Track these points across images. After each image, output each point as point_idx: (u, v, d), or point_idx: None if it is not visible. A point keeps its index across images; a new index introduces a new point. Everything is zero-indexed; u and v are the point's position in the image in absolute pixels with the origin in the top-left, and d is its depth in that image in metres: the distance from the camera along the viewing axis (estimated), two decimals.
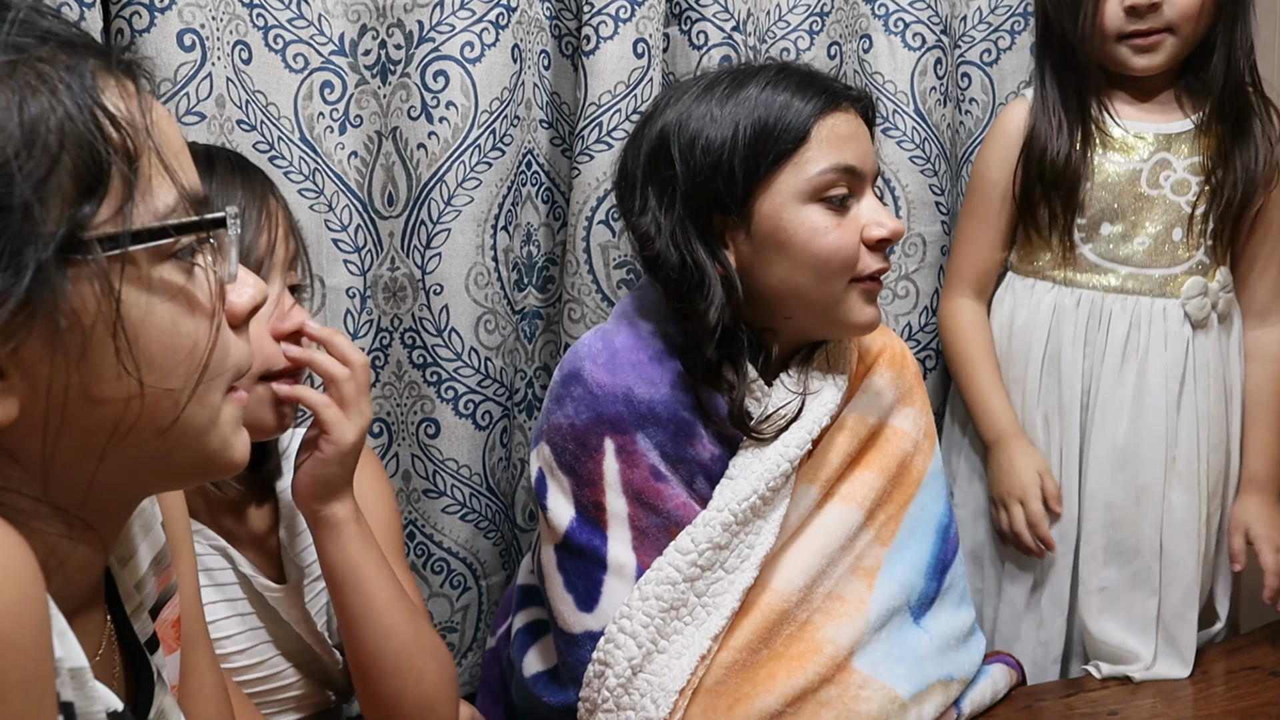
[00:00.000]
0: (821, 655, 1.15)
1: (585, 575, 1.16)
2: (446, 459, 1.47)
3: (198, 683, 0.87)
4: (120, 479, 0.64)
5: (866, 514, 1.23)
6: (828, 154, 1.13)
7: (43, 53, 0.58)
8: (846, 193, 1.14)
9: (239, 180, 1.06)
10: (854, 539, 1.22)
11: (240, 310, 0.69)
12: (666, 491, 1.15)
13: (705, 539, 1.13)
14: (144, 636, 0.76)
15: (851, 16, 1.64)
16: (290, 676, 1.14)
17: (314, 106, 1.42)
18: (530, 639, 1.26)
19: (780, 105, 1.13)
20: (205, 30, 1.31)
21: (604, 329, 1.22)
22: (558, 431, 1.17)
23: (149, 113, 0.63)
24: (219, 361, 0.65)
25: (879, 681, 1.16)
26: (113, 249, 0.58)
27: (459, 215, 1.43)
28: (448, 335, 1.45)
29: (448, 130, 1.41)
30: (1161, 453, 1.45)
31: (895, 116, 1.63)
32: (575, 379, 1.16)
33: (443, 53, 1.40)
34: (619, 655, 1.11)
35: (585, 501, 1.16)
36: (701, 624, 1.13)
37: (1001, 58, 1.77)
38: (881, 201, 1.20)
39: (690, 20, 1.50)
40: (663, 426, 1.15)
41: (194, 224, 0.63)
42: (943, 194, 1.66)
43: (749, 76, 1.16)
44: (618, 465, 1.15)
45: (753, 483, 1.14)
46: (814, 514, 1.21)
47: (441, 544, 1.49)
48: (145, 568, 0.79)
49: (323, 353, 1.06)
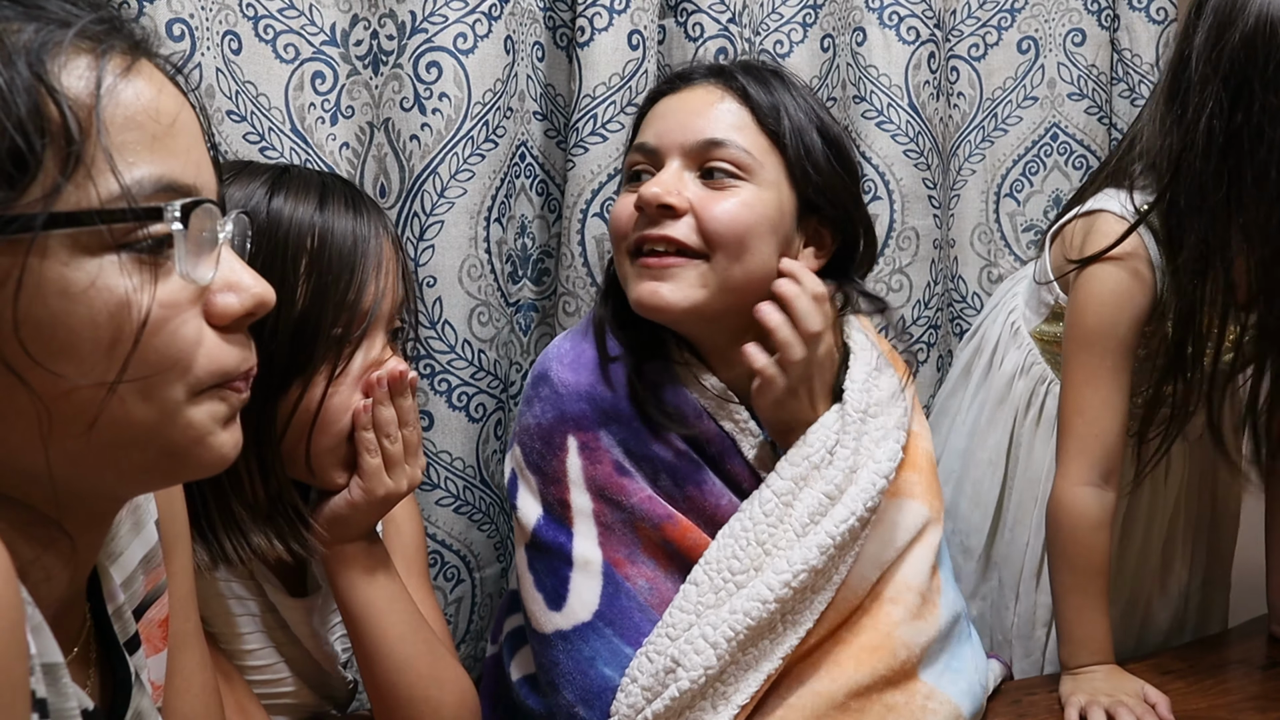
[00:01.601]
0: (893, 658, 1.12)
1: (553, 573, 1.15)
2: (440, 451, 1.46)
3: (185, 681, 0.86)
4: (82, 475, 0.63)
5: (924, 504, 1.21)
6: (636, 136, 1.19)
7: (10, 25, 0.58)
8: (647, 170, 1.15)
9: (349, 220, 1.01)
10: (923, 531, 1.20)
11: (225, 315, 0.66)
12: (630, 486, 1.14)
13: (801, 561, 1.09)
14: (124, 637, 0.75)
15: (845, 9, 1.63)
16: (291, 685, 1.13)
17: (305, 97, 1.41)
18: (517, 643, 1.26)
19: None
20: (194, 20, 1.29)
21: (574, 331, 1.23)
22: (526, 432, 1.17)
23: (110, 94, 0.60)
24: (168, 359, 0.62)
25: (944, 694, 1.14)
26: (21, 231, 0.57)
27: (452, 207, 1.42)
28: (441, 328, 1.44)
29: (440, 122, 1.40)
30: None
31: (889, 110, 1.63)
32: (543, 380, 1.17)
33: (435, 44, 1.39)
34: (697, 661, 1.07)
35: (551, 499, 1.15)
36: (780, 640, 1.10)
37: (989, 53, 1.79)
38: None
39: (686, 12, 1.50)
40: (624, 424, 1.15)
41: (119, 213, 0.60)
42: (935, 187, 1.67)
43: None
44: (580, 461, 1.14)
45: (850, 505, 1.11)
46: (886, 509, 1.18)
47: (435, 536, 1.48)
48: (134, 565, 0.78)
49: (390, 407, 1.03)
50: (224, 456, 0.68)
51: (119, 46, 0.62)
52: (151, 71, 0.64)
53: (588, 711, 1.11)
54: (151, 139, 0.62)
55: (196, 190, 0.64)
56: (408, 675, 1.06)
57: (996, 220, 1.80)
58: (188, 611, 0.87)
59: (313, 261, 0.98)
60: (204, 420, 0.66)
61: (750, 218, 1.11)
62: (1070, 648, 1.35)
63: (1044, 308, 1.46)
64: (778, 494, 1.11)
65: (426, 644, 1.08)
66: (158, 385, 0.62)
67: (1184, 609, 1.56)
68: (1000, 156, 1.80)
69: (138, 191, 0.60)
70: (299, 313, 0.96)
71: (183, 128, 0.65)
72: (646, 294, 1.11)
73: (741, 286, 1.12)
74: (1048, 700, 1.33)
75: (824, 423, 1.14)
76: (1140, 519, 1.49)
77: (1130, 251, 1.29)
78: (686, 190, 1.11)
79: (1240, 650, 1.47)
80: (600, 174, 1.46)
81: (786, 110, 1.14)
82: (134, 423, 0.62)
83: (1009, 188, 1.80)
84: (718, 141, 1.12)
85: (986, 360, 1.56)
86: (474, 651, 1.55)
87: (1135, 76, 1.75)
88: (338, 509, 1.03)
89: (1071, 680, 1.33)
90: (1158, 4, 1.73)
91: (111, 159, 0.60)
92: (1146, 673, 1.34)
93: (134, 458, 0.64)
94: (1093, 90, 1.77)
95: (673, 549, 1.14)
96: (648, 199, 1.10)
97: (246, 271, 0.68)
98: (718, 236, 1.10)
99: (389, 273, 1.03)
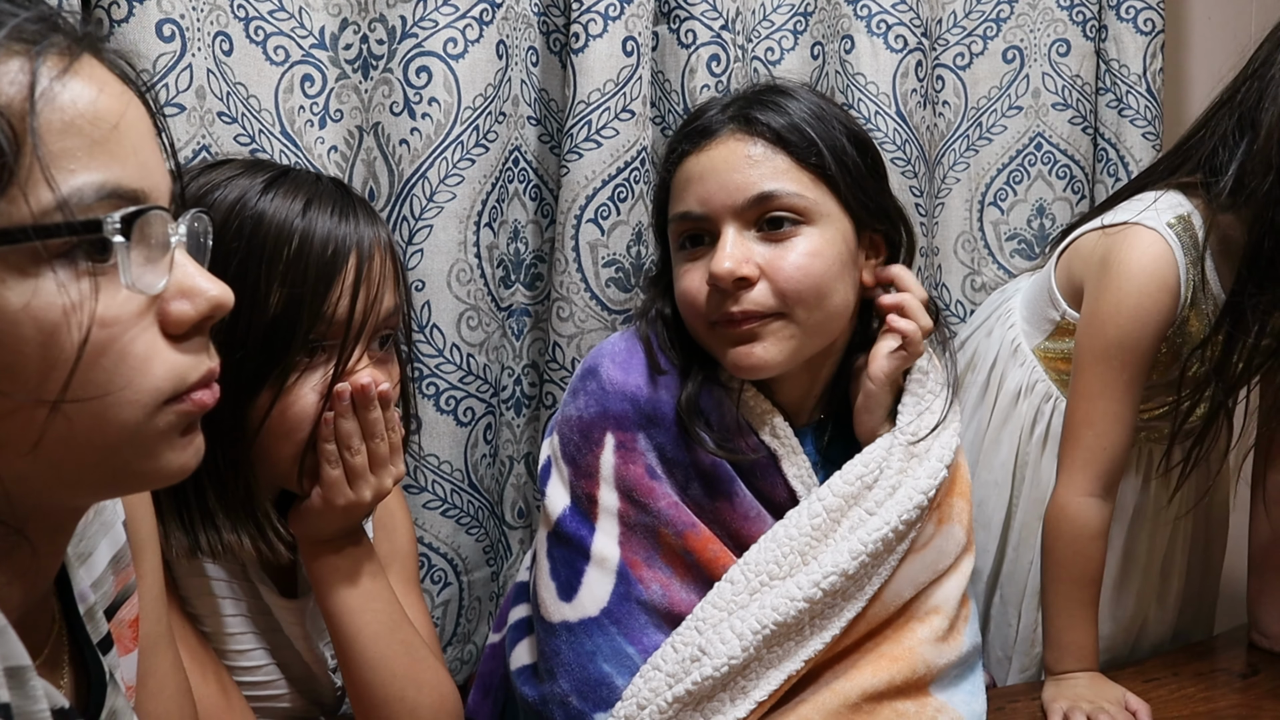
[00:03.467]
0: (910, 670, 1.14)
1: (569, 564, 1.16)
2: (427, 455, 1.46)
3: (159, 684, 0.85)
4: (34, 491, 0.61)
5: (966, 533, 1.22)
6: (675, 204, 1.16)
7: None
8: (698, 235, 1.15)
9: (333, 226, 0.99)
10: (960, 559, 1.22)
11: (180, 323, 0.63)
12: (659, 490, 1.15)
13: (833, 564, 1.10)
14: (96, 637, 0.75)
15: (834, 17, 1.64)
16: (281, 688, 1.13)
17: (294, 100, 1.40)
18: (522, 633, 1.26)
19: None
20: (185, 20, 1.28)
21: (630, 331, 1.23)
22: (567, 422, 1.18)
23: (46, 98, 0.57)
24: (119, 379, 0.59)
25: (956, 711, 1.16)
26: None
27: (441, 212, 1.41)
28: (429, 331, 1.43)
29: (430, 126, 1.40)
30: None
31: (877, 118, 1.64)
32: (592, 374, 1.18)
33: (425, 48, 1.39)
34: (722, 650, 1.08)
35: (580, 492, 1.16)
36: (804, 643, 1.12)
37: (974, 62, 1.80)
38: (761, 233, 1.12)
39: (679, 19, 1.50)
40: (665, 429, 1.16)
41: (54, 228, 0.56)
42: (922, 195, 1.67)
43: None
44: (615, 460, 1.15)
45: (885, 516, 1.13)
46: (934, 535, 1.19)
47: (422, 539, 1.48)
48: (104, 566, 0.77)
49: (353, 420, 1.01)
50: (181, 468, 0.65)
51: (57, 45, 0.59)
52: (93, 69, 0.61)
53: (581, 702, 1.12)
54: (92, 143, 0.58)
55: (144, 195, 0.61)
56: (382, 675, 1.06)
57: (980, 229, 1.82)
58: (159, 613, 0.86)
59: (289, 266, 0.96)
60: (158, 435, 0.63)
61: (820, 266, 1.11)
62: (1056, 653, 1.36)
63: (1048, 324, 1.46)
64: (828, 509, 1.13)
65: (404, 644, 1.07)
66: (109, 405, 0.59)
67: (1177, 620, 1.57)
68: (984, 165, 1.81)
69: (77, 201, 0.57)
70: (271, 317, 0.95)
71: (129, 128, 0.61)
72: (743, 358, 1.11)
73: (827, 327, 1.14)
74: (1030, 707, 1.34)
75: (879, 444, 1.17)
76: (1143, 536, 1.50)
77: (1160, 263, 1.29)
78: (753, 255, 1.10)
79: (1221, 659, 1.48)
80: (595, 180, 1.46)
81: (815, 134, 1.12)
82: (83, 442, 0.60)
83: (993, 196, 1.81)
84: (767, 195, 1.10)
85: (984, 379, 1.55)
86: (461, 654, 1.55)
87: (1123, 87, 1.77)
88: (303, 514, 1.04)
89: (1054, 686, 1.34)
90: (1145, 15, 1.75)
91: (47, 169, 0.56)
92: (1129, 680, 1.36)
93: (86, 475, 0.62)
94: (1077, 100, 1.78)
95: (692, 559, 1.15)
96: (722, 275, 1.08)
97: (201, 275, 0.65)
98: (795, 295, 1.10)
99: (378, 281, 1.01)
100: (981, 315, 1.64)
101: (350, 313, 0.98)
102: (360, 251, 0.99)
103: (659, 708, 1.08)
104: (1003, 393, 1.52)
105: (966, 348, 1.61)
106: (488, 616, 1.58)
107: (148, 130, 0.64)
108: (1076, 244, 1.42)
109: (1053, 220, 1.80)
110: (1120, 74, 1.77)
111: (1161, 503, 1.48)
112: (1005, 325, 1.54)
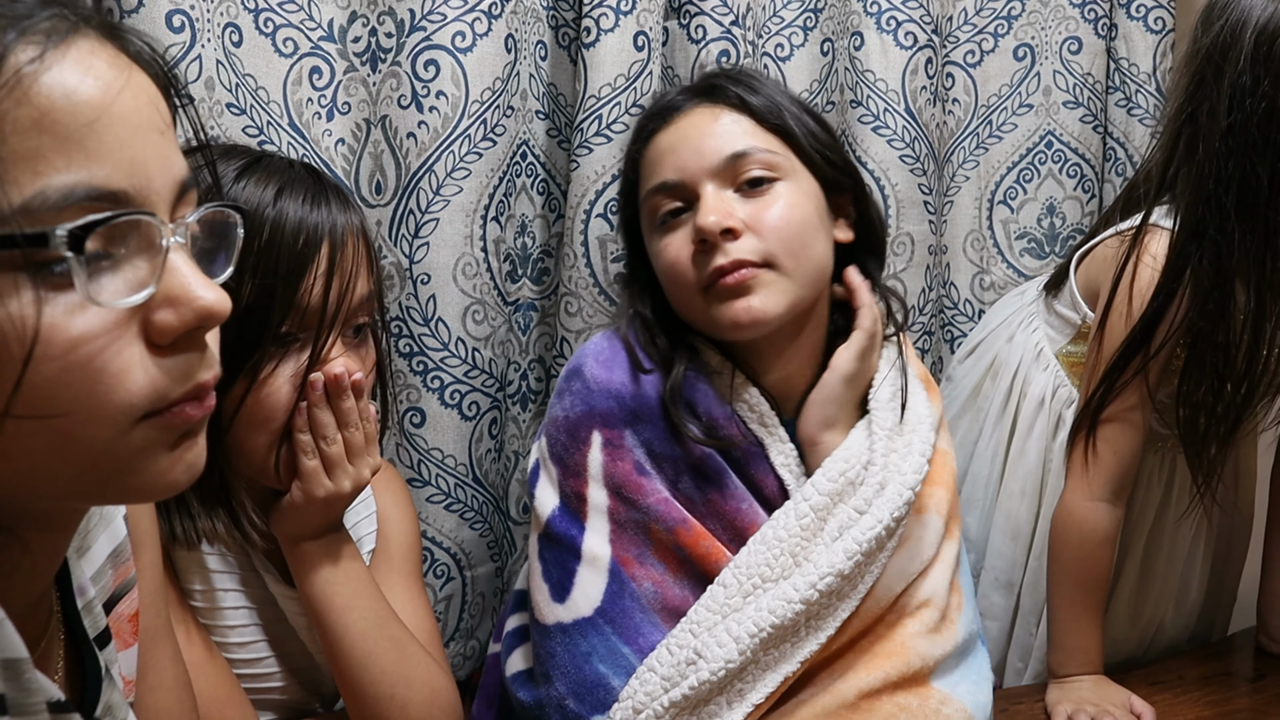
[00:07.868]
0: (905, 665, 1.14)
1: (560, 565, 1.16)
2: (431, 448, 1.46)
3: (158, 677, 0.85)
4: (13, 499, 0.59)
5: (945, 522, 1.21)
6: (648, 180, 1.18)
7: None
8: (679, 206, 1.15)
9: (304, 214, 0.98)
10: (942, 546, 1.21)
11: (162, 333, 0.58)
12: (648, 486, 1.15)
13: (829, 566, 1.10)
14: (94, 631, 0.74)
15: (844, 14, 1.63)
16: (281, 680, 1.13)
17: (303, 92, 1.40)
18: (518, 640, 1.26)
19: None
20: (195, 11, 1.28)
21: (613, 330, 1.23)
22: (554, 423, 1.18)
23: (13, 92, 0.52)
24: (88, 399, 0.55)
25: (959, 701, 1.15)
26: None
27: (447, 205, 1.41)
28: (434, 325, 1.43)
29: (437, 120, 1.39)
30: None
31: (886, 115, 1.63)
32: (576, 374, 1.18)
33: (433, 42, 1.38)
34: (719, 654, 1.08)
35: (568, 491, 1.16)
36: (800, 645, 1.11)
37: (985, 59, 1.79)
38: (741, 190, 1.14)
39: (689, 14, 1.49)
40: (652, 424, 1.16)
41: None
42: (930, 193, 1.67)
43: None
44: (602, 457, 1.15)
45: (878, 514, 1.12)
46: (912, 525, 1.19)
47: (425, 534, 1.48)
48: (103, 560, 0.77)
49: (327, 410, 1.01)
50: (168, 485, 0.61)
51: (41, 26, 0.54)
52: (87, 54, 0.56)
53: (577, 705, 1.11)
54: (66, 141, 0.53)
55: (128, 196, 0.56)
56: (371, 672, 1.05)
57: (989, 227, 1.81)
58: (158, 607, 0.85)
59: (260, 256, 0.96)
60: (136, 451, 0.58)
61: (800, 215, 1.14)
62: (1060, 656, 1.36)
63: (1069, 328, 1.46)
64: (815, 509, 1.13)
65: (393, 641, 1.07)
66: (74, 423, 0.55)
67: (1194, 624, 1.56)
68: (994, 163, 1.80)
69: (40, 206, 0.52)
70: (244, 308, 0.94)
71: (117, 119, 0.56)
72: (741, 313, 1.11)
73: (814, 278, 1.15)
74: (1034, 710, 1.34)
75: (855, 439, 1.17)
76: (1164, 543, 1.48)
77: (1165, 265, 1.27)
78: (735, 210, 1.12)
79: (1228, 662, 1.48)
80: (605, 174, 1.45)
81: (777, 100, 1.18)
82: (55, 455, 0.56)
83: (1003, 195, 1.80)
84: (742, 152, 1.14)
85: (1006, 386, 1.53)
86: (464, 650, 1.55)
87: (1132, 85, 1.76)
88: (285, 512, 1.04)
89: (1059, 689, 1.34)
90: (1156, 14, 1.74)
91: (6, 173, 0.51)
92: (1135, 683, 1.36)
93: (65, 487, 0.58)
94: (1088, 99, 1.77)
95: (684, 554, 1.14)
96: (709, 227, 1.09)
97: (197, 281, 0.59)
98: (781, 243, 1.12)
99: (350, 270, 1.01)
100: (997, 318, 1.62)
101: (324, 302, 0.99)
102: (333, 239, 0.99)
103: (655, 712, 1.07)
104: (1026, 400, 1.50)
105: (983, 352, 1.60)
106: (491, 612, 1.58)
107: (148, 120, 0.58)
108: (1096, 249, 1.41)
109: (1063, 219, 1.80)
110: (1130, 73, 1.76)
111: (1183, 508, 1.46)
112: (1028, 329, 1.53)
